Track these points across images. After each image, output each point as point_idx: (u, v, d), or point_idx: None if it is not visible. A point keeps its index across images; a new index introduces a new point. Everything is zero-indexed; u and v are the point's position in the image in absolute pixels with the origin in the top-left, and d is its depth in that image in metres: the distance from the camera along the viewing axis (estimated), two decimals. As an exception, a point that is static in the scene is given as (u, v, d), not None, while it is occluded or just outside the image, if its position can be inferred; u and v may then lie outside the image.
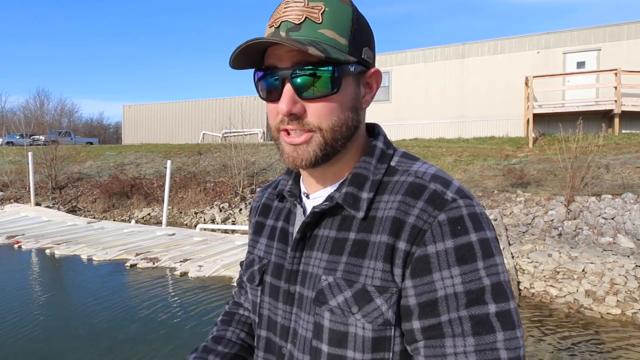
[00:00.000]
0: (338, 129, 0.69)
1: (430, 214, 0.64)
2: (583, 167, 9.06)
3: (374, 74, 0.74)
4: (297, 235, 0.75)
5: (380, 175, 0.72)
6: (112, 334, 4.83)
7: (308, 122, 0.68)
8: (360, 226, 0.70)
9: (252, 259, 0.86)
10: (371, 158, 0.74)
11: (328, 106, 0.68)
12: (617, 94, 12.76)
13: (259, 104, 22.63)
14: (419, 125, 17.17)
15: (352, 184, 0.72)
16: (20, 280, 6.87)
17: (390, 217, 0.67)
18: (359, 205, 0.70)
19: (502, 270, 0.63)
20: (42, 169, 15.30)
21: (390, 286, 0.65)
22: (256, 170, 14.10)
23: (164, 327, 5.03)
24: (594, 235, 7.61)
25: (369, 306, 0.65)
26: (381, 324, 0.65)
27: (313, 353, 0.70)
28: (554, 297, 5.92)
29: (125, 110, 26.73)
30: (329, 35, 0.66)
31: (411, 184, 0.69)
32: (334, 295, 0.68)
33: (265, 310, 0.80)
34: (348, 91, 0.70)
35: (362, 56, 0.70)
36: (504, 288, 0.62)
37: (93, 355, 4.34)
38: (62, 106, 54.71)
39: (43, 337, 4.73)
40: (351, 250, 0.69)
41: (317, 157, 0.69)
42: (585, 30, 14.90)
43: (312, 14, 0.66)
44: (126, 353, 4.38)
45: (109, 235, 9.63)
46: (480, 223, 0.65)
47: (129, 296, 6.08)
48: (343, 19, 0.68)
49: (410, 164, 0.74)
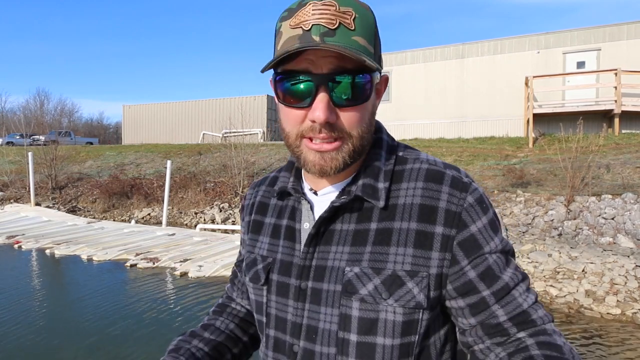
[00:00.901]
0: (366, 136, 0.71)
1: (460, 197, 0.70)
2: (583, 167, 9.07)
3: (384, 80, 0.76)
4: (312, 231, 0.74)
5: (391, 165, 0.75)
6: (112, 333, 4.83)
7: (340, 129, 0.68)
8: (380, 215, 0.72)
9: (253, 258, 0.84)
10: (380, 150, 0.76)
11: (359, 114, 0.69)
12: (617, 94, 12.76)
13: (258, 104, 22.64)
14: (419, 125, 17.16)
15: (367, 175, 0.73)
16: (20, 280, 6.87)
17: (417, 204, 0.71)
18: (378, 195, 0.72)
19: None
20: (42, 169, 15.30)
21: (421, 270, 0.68)
22: (256, 170, 14.10)
23: (164, 327, 5.03)
24: (594, 235, 7.61)
25: (400, 290, 0.68)
26: (413, 307, 0.68)
27: (341, 344, 0.70)
28: (554, 297, 5.92)
29: (125, 110, 26.73)
30: (362, 43, 0.66)
31: (428, 170, 0.73)
32: (363, 284, 0.69)
33: (273, 310, 0.79)
34: (372, 99, 0.72)
35: (381, 63, 0.72)
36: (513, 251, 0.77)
37: (93, 355, 4.34)
38: (62, 106, 54.73)
39: (43, 337, 4.73)
40: (375, 239, 0.71)
41: (346, 164, 0.70)
42: (585, 30, 14.90)
43: (345, 20, 0.65)
44: (126, 353, 4.38)
45: (109, 235, 9.63)
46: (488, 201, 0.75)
47: (129, 296, 6.08)
48: (370, 27, 0.68)
49: (416, 153, 0.78)
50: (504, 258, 0.71)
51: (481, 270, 0.69)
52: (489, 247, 0.70)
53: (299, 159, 0.72)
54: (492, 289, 0.69)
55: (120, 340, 4.67)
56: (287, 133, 0.71)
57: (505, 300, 0.69)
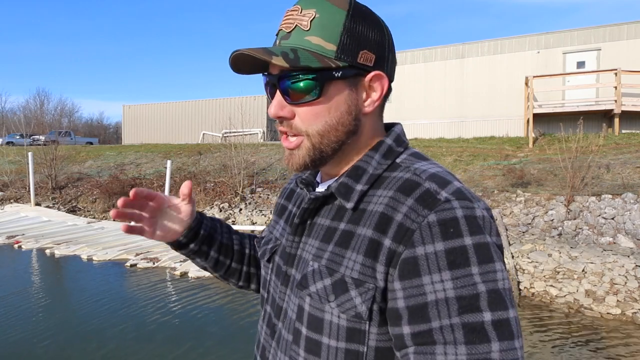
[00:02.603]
0: (326, 134, 0.70)
1: (420, 213, 0.62)
2: (583, 167, 9.07)
3: (375, 77, 0.72)
4: (296, 221, 0.78)
5: (381, 170, 0.72)
6: (112, 333, 4.83)
7: (296, 126, 0.71)
8: (350, 217, 0.70)
9: (270, 237, 0.90)
10: (375, 153, 0.74)
11: (313, 111, 0.70)
12: (617, 94, 12.76)
13: (259, 104, 22.63)
14: (419, 125, 17.16)
15: (349, 175, 0.73)
16: (20, 280, 6.87)
17: (379, 212, 0.67)
18: (350, 196, 0.71)
19: (501, 277, 0.59)
20: (42, 169, 15.30)
21: (368, 281, 0.64)
22: (256, 170, 14.10)
23: (164, 327, 5.03)
24: (594, 235, 7.61)
25: (343, 296, 0.66)
26: (353, 316, 0.65)
27: (295, 334, 0.73)
28: (554, 297, 5.92)
29: (125, 110, 26.73)
30: (315, 42, 0.68)
31: (406, 180, 0.68)
32: (314, 282, 0.70)
33: (271, 288, 0.84)
34: (336, 96, 0.70)
35: (358, 60, 0.69)
36: (503, 296, 0.58)
37: (93, 354, 4.34)
38: (62, 106, 54.67)
39: (43, 337, 4.73)
40: (338, 240, 0.70)
41: (306, 162, 0.72)
42: (585, 30, 14.90)
43: (301, 22, 0.68)
44: (126, 353, 4.38)
45: (109, 235, 9.63)
46: (479, 227, 0.61)
47: (128, 296, 6.08)
48: (333, 25, 0.68)
49: (414, 161, 0.72)
50: (454, 306, 0.57)
51: (411, 303, 0.60)
52: (430, 280, 0.59)
53: None
54: (413, 330, 0.59)
55: (120, 340, 4.67)
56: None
57: (422, 350, 0.58)
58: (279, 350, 0.76)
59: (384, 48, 0.72)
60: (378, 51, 0.71)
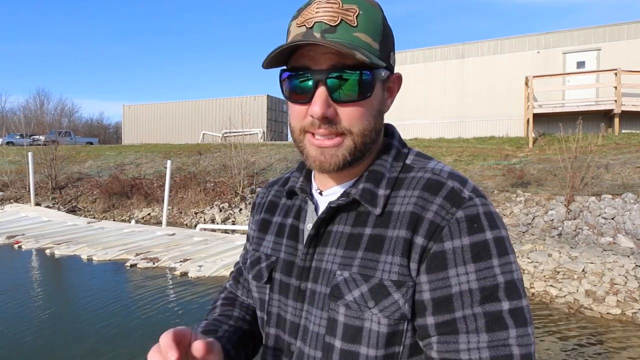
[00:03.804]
0: (368, 134, 0.70)
1: (449, 211, 0.65)
2: (583, 167, 9.07)
3: (397, 79, 0.75)
4: (311, 232, 0.74)
5: (397, 172, 0.73)
6: (112, 333, 4.83)
7: (340, 125, 0.68)
8: (376, 222, 0.70)
9: (257, 256, 0.85)
10: (387, 156, 0.75)
11: (360, 110, 0.68)
12: (617, 94, 12.76)
13: (259, 104, 22.65)
14: (419, 125, 17.16)
15: (368, 180, 0.72)
16: (20, 280, 6.86)
17: (408, 212, 0.67)
18: (376, 202, 0.70)
19: (515, 268, 0.64)
20: (42, 169, 15.30)
21: (407, 280, 0.65)
22: (256, 170, 14.10)
23: (164, 327, 4.98)
24: (594, 235, 7.61)
25: (386, 300, 0.65)
26: (397, 318, 0.65)
27: (325, 349, 0.70)
28: (554, 297, 5.92)
29: (125, 110, 26.74)
30: (364, 39, 0.66)
31: (429, 180, 0.70)
32: (350, 290, 0.68)
33: (274, 308, 0.79)
34: (377, 96, 0.71)
35: (390, 61, 0.71)
36: (517, 286, 0.63)
37: (93, 354, 4.34)
38: (62, 106, 54.64)
39: (43, 337, 4.73)
40: (367, 245, 0.69)
41: (346, 161, 0.70)
42: (585, 30, 14.90)
43: (347, 17, 0.65)
44: (126, 353, 4.38)
45: (109, 235, 9.63)
46: (496, 222, 0.65)
47: (129, 296, 6.08)
48: (375, 23, 0.68)
49: (425, 162, 0.75)
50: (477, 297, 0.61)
51: (437, 295, 0.63)
52: (456, 272, 0.62)
53: (302, 154, 0.73)
54: (437, 320, 0.63)
55: (120, 340, 4.67)
56: (292, 128, 0.73)
57: (445, 339, 0.62)
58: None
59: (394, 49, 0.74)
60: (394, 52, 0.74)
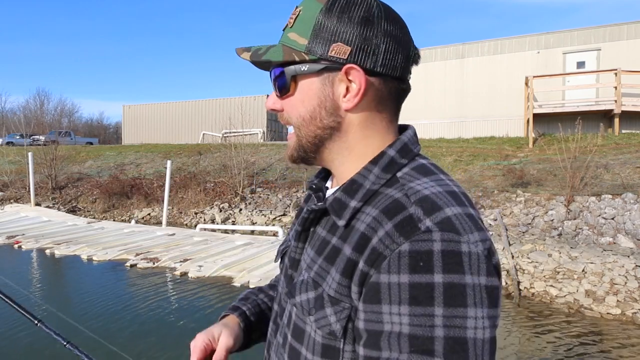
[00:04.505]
0: (302, 127, 0.72)
1: (394, 240, 0.57)
2: (583, 167, 9.07)
3: (350, 71, 0.66)
4: (298, 228, 0.78)
5: (379, 185, 0.67)
6: (112, 333, 4.83)
7: (284, 118, 0.75)
8: (341, 233, 0.67)
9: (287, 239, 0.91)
10: (374, 166, 0.68)
11: (290, 103, 0.73)
12: (617, 94, 12.76)
13: (259, 104, 22.64)
14: (419, 125, 17.14)
15: (344, 190, 0.69)
16: (20, 280, 6.87)
17: (360, 231, 0.63)
18: (342, 213, 0.67)
19: (472, 325, 0.53)
20: (42, 169, 15.31)
21: (344, 300, 0.63)
22: (256, 170, 14.10)
23: (164, 327, 5.04)
24: (594, 235, 7.62)
25: (321, 312, 0.65)
26: (328, 333, 0.64)
27: (284, 338, 0.75)
28: (554, 297, 5.92)
29: (125, 110, 26.74)
30: (292, 38, 0.70)
31: (394, 201, 0.62)
32: (300, 292, 0.70)
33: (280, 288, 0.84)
34: (308, 89, 0.70)
35: (329, 53, 0.66)
36: (466, 346, 0.53)
37: (92, 354, 4.34)
38: (62, 106, 54.60)
39: (43, 337, 4.73)
40: (327, 254, 0.68)
41: (293, 155, 0.76)
42: (585, 30, 14.91)
43: (290, 19, 0.71)
44: (126, 353, 4.38)
45: (109, 235, 9.63)
46: (459, 265, 0.54)
47: (128, 296, 6.08)
48: (307, 18, 0.68)
49: (414, 178, 0.65)
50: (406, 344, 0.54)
51: (369, 327, 0.59)
52: (389, 310, 0.56)
53: None
54: (366, 354, 0.59)
55: (120, 340, 4.67)
56: None
57: None
58: (280, 348, 0.77)
59: (368, 40, 0.66)
60: (357, 43, 0.66)
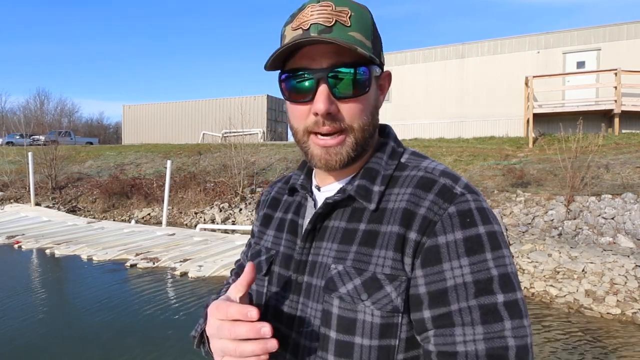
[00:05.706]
0: (367, 129, 0.73)
1: (441, 206, 0.67)
2: (583, 167, 9.08)
3: (387, 76, 0.79)
4: (308, 226, 0.77)
5: (391, 170, 0.76)
6: (112, 333, 4.83)
7: (341, 121, 0.71)
8: (370, 217, 0.72)
9: (258, 249, 0.88)
10: (382, 154, 0.78)
11: (359, 106, 0.72)
12: (617, 94, 12.76)
13: (258, 104, 22.66)
14: (419, 125, 17.17)
15: (364, 177, 0.75)
16: (20, 280, 6.87)
17: (402, 208, 0.70)
18: (370, 197, 0.73)
19: (509, 262, 0.66)
20: (42, 169, 15.31)
21: (400, 274, 0.67)
22: (256, 170, 14.10)
23: (164, 327, 5.04)
24: (594, 235, 7.62)
25: (378, 293, 0.67)
26: (390, 310, 0.67)
27: (321, 340, 0.72)
28: (554, 297, 5.92)
29: (125, 110, 26.75)
30: (358, 38, 0.69)
31: (422, 177, 0.72)
32: (343, 283, 0.70)
33: (271, 300, 0.81)
34: (373, 92, 0.74)
35: (381, 59, 0.75)
36: (512, 279, 0.65)
37: (93, 355, 4.35)
38: (62, 106, 54.60)
39: (43, 337, 4.73)
40: (361, 240, 0.71)
41: (350, 157, 0.73)
42: (585, 30, 14.91)
43: (340, 18, 0.69)
44: (126, 353, 4.38)
45: (109, 235, 9.63)
46: (488, 217, 0.67)
47: (128, 296, 6.08)
48: (366, 23, 0.72)
49: (419, 160, 0.77)
50: (472, 290, 0.63)
51: (432, 289, 0.65)
52: (450, 266, 0.64)
53: (306, 155, 0.76)
54: (433, 313, 0.64)
55: (120, 340, 4.67)
56: (295, 129, 0.76)
57: (442, 332, 0.63)
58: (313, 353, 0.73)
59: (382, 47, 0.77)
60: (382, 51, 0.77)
